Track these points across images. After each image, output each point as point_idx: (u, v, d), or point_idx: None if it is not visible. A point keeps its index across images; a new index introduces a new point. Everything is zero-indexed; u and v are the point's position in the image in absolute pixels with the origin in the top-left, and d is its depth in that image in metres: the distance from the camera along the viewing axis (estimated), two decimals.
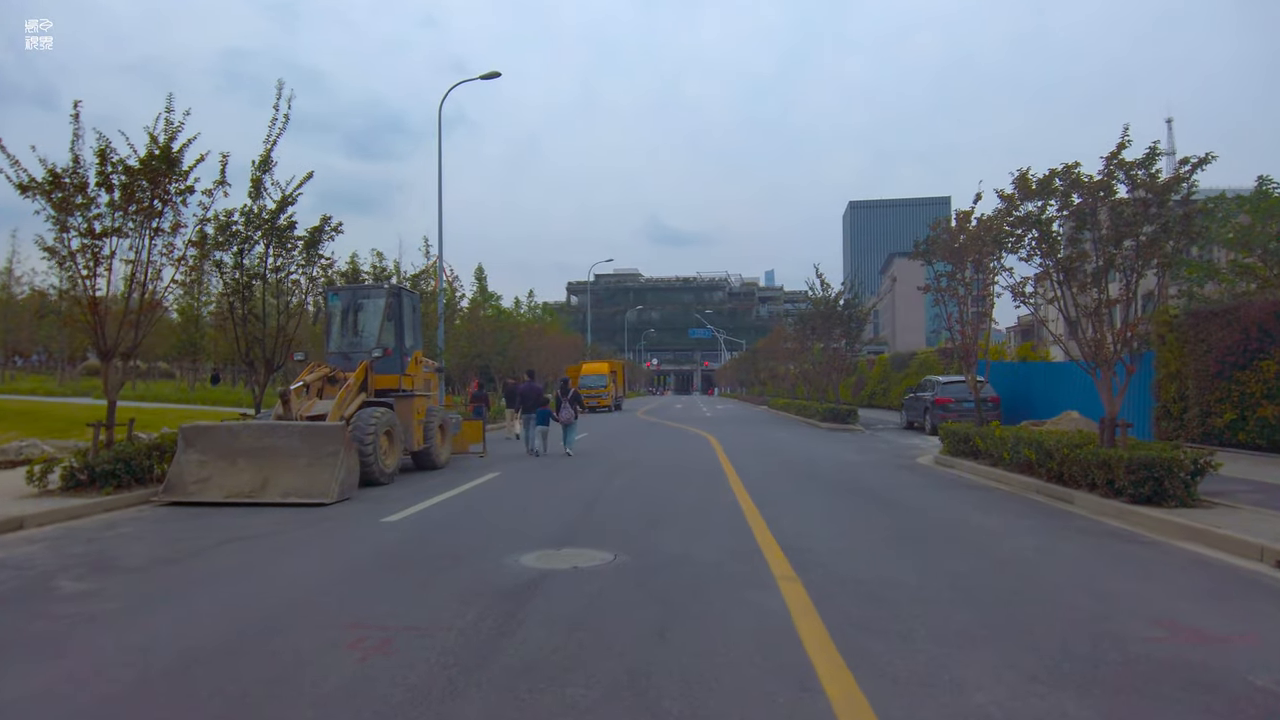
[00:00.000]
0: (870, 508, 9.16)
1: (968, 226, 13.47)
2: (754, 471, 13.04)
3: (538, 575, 5.78)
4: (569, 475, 12.71)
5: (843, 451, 16.88)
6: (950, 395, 21.77)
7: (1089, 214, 9.63)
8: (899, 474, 12.72)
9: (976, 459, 13.15)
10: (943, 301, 14.57)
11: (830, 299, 28.48)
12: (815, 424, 27.91)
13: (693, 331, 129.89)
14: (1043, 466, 10.56)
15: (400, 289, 13.59)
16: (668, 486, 11.27)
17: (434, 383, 15.32)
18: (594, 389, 42.75)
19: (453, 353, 26.29)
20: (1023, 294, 10.97)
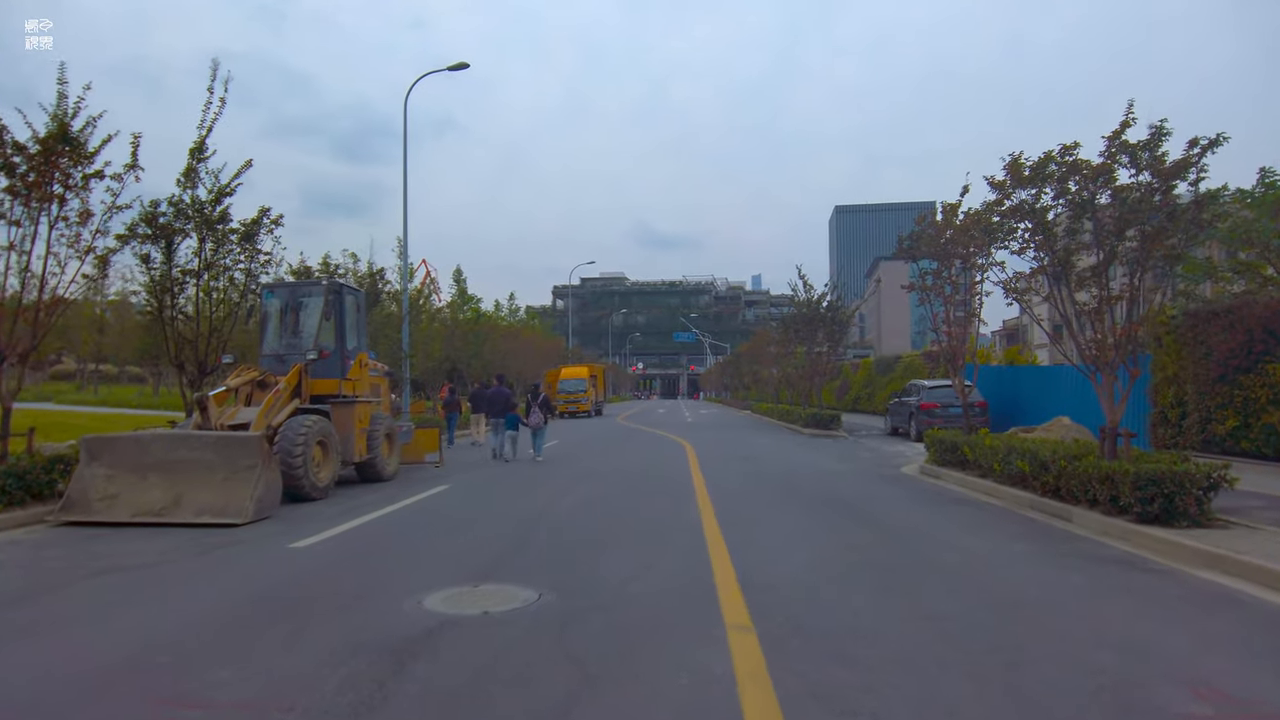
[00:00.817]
0: (847, 528, 8.18)
1: (954, 221, 12.55)
2: (725, 483, 12.06)
3: (437, 624, 4.75)
4: (524, 488, 11.68)
5: (823, 460, 15.92)
6: (936, 400, 20.89)
7: (1088, 202, 8.71)
8: (881, 486, 11.77)
9: (964, 469, 12.23)
10: (928, 301, 13.65)
11: (813, 301, 27.60)
12: (798, 430, 26.99)
13: (677, 335, 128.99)
14: (1037, 479, 9.64)
15: (342, 285, 12.51)
16: (629, 501, 10.26)
17: (384, 388, 14.25)
18: (573, 394, 41.71)
19: (420, 356, 25.17)
20: (1015, 290, 10.04)
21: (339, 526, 8.45)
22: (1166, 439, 14.84)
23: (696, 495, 10.56)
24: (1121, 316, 8.98)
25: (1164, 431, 15.03)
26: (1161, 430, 15.04)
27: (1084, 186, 8.58)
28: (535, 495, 10.84)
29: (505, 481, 12.67)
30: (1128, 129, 8.30)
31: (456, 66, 22.83)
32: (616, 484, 12.26)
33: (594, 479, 12.91)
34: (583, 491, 11.24)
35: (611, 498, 10.66)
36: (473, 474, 13.86)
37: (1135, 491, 7.65)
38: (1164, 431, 15.03)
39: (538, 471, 14.24)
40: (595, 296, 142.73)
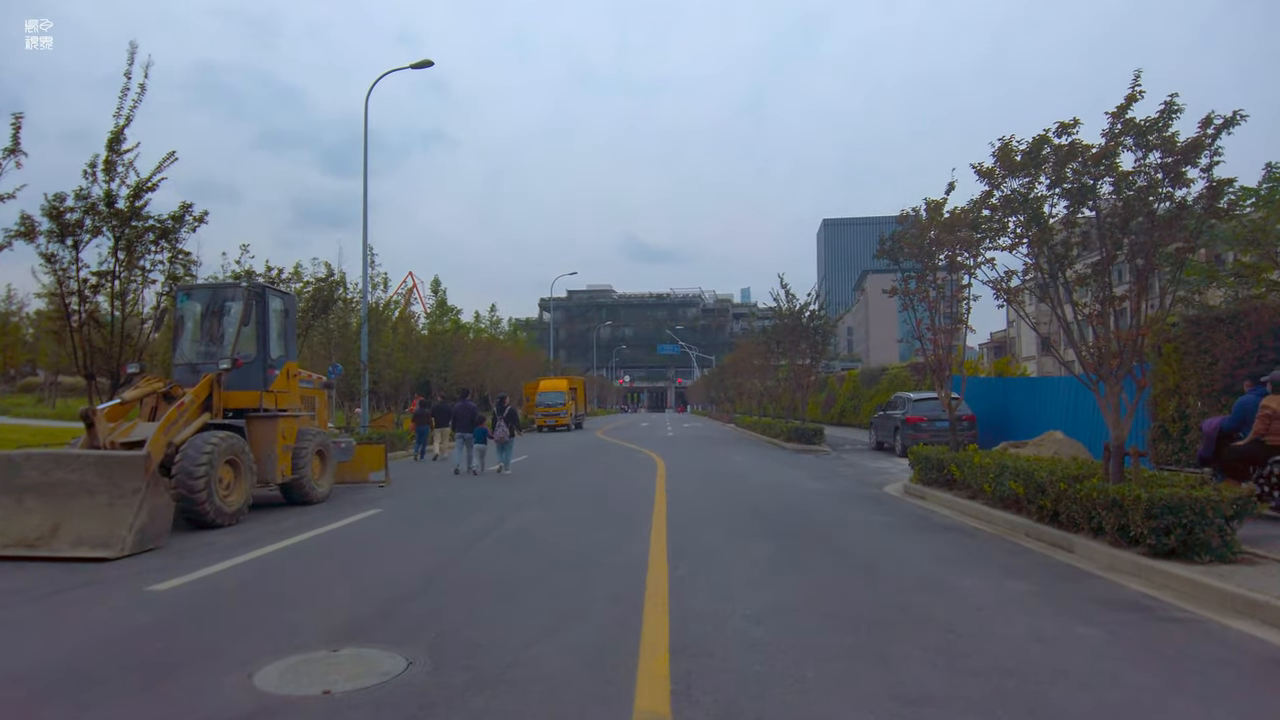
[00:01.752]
0: (816, 564, 7.04)
1: (939, 218, 11.51)
2: (689, 506, 10.91)
3: (252, 710, 3.58)
4: (463, 511, 10.49)
5: (801, 478, 14.79)
6: (922, 413, 19.85)
7: (1089, 189, 7.66)
8: (860, 509, 10.65)
9: (951, 489, 11.14)
10: (911, 306, 12.60)
11: (795, 310, 26.54)
12: (779, 444, 25.88)
13: (661, 347, 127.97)
14: (1033, 503, 8.55)
15: (265, 288, 11.31)
16: (573, 529, 9.10)
17: (320, 401, 13.04)
18: (551, 407, 40.41)
19: (382, 366, 23.95)
20: (1006, 291, 8.97)
21: (225, 561, 7.25)
22: (1168, 455, 13.80)
23: (652, 521, 9.41)
24: (1126, 320, 7.92)
25: (1165, 447, 13.98)
26: (1163, 446, 14.00)
27: (1085, 171, 7.53)
28: (471, 520, 9.66)
29: (447, 504, 11.48)
30: (1134, 104, 7.26)
31: (420, 64, 21.78)
32: (568, 507, 11.10)
33: (546, 501, 11.74)
34: (526, 516, 10.06)
35: (555, 524, 9.49)
36: (417, 494, 12.66)
37: (1149, 521, 6.56)
38: (1165, 447, 13.98)
39: (490, 490, 13.07)
40: (582, 309, 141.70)
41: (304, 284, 17.69)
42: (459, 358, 28.78)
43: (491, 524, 9.37)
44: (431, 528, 9.30)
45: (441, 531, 8.95)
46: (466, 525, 9.32)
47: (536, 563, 7.07)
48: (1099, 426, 17.04)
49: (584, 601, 5.63)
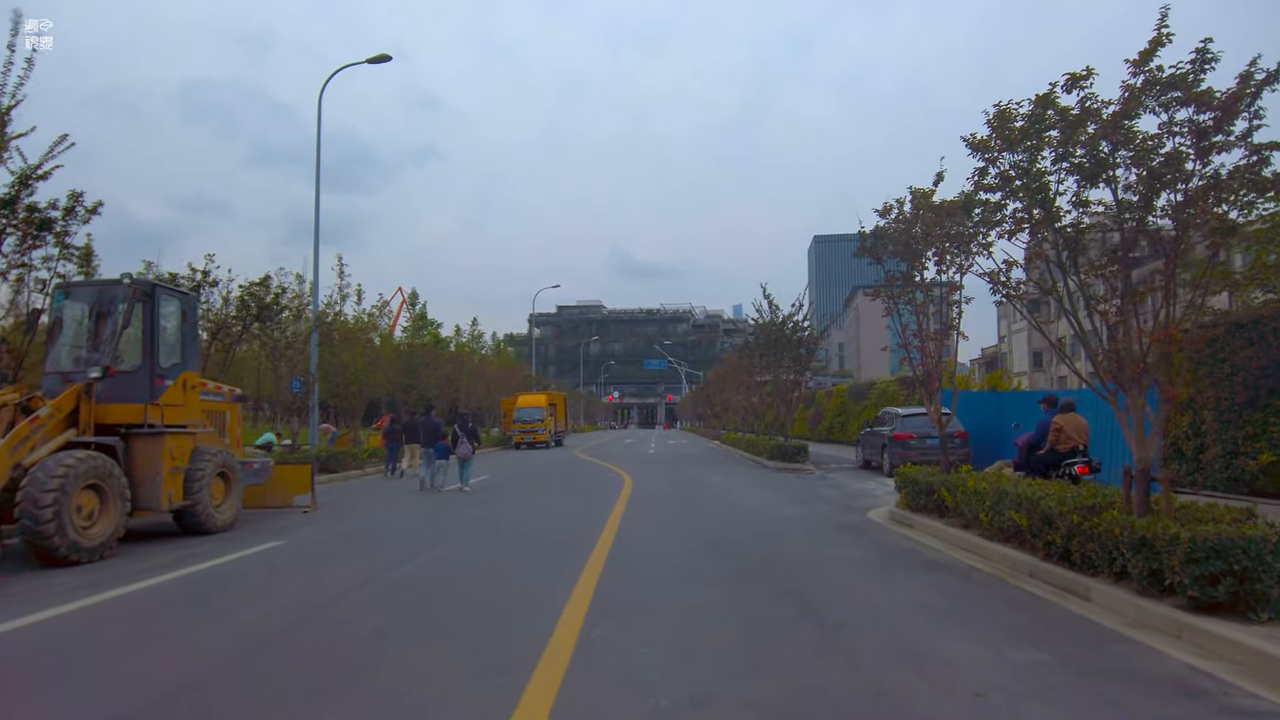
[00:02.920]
0: (773, 622, 5.61)
1: (926, 207, 10.18)
2: (642, 536, 9.48)
3: None
4: (372, 545, 9.03)
5: (777, 502, 13.37)
6: (911, 430, 18.48)
7: (1105, 160, 6.33)
8: (838, 541, 9.22)
9: (942, 517, 9.75)
10: (896, 310, 11.25)
11: (778, 322, 25.19)
12: (762, 462, 24.46)
13: (648, 363, 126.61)
14: (1038, 537, 7.16)
15: (155, 286, 9.86)
16: (489, 569, 7.66)
17: (233, 416, 11.57)
18: (529, 423, 38.86)
19: (338, 381, 22.46)
20: (1004, 285, 7.62)
21: (34, 615, 5.78)
22: (1181, 476, 12.47)
23: (591, 556, 7.97)
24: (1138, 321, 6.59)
25: (1179, 467, 12.65)
26: (1176, 465, 12.66)
27: (1101, 136, 6.20)
28: (374, 557, 8.20)
29: (365, 533, 10.01)
30: (1160, 49, 5.94)
31: (377, 59, 20.53)
32: (501, 538, 9.66)
33: (480, 529, 10.30)
34: (444, 552, 8.60)
35: (472, 562, 8.03)
36: (340, 521, 11.18)
37: (1190, 566, 5.18)
38: (1179, 467, 12.65)
39: (430, 513, 11.64)
40: (572, 325, 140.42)
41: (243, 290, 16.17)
42: (427, 371, 27.20)
43: (396, 562, 7.91)
44: (318, 568, 7.83)
45: (327, 573, 7.49)
46: (362, 564, 7.86)
47: (411, 623, 5.60)
48: (1103, 442, 15.70)
49: (435, 693, 4.18)
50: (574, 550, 8.39)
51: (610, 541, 9.01)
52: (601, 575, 7.04)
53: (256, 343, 18.15)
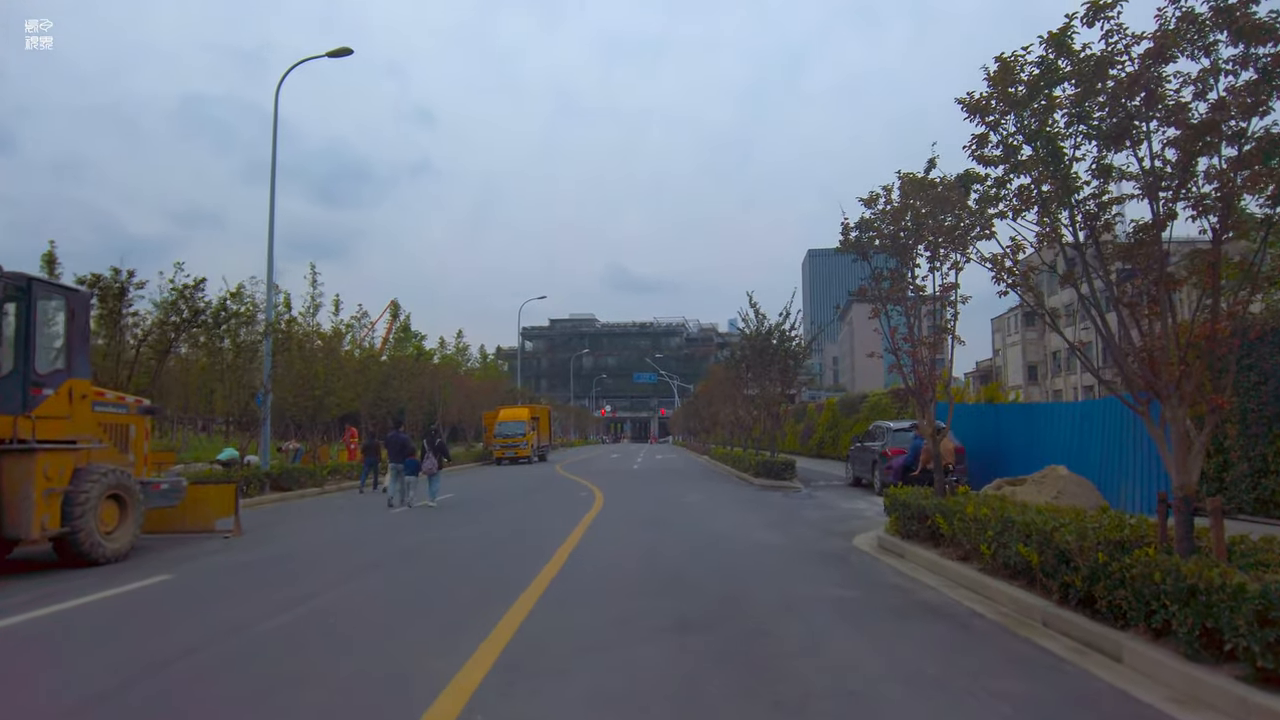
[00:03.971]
0: (719, 697, 4.34)
1: (917, 194, 9.01)
2: (592, 568, 8.22)
3: None
4: (274, 581, 7.76)
5: (755, 525, 12.10)
6: (904, 445, 17.21)
7: (1132, 117, 5.15)
8: (817, 576, 7.96)
9: (937, 546, 8.51)
10: (884, 311, 10.05)
11: (764, 332, 23.98)
12: (748, 480, 23.20)
13: (637, 376, 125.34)
14: (1053, 577, 5.93)
15: (31, 280, 8.57)
16: (393, 612, 6.38)
17: (139, 429, 10.28)
18: (510, 438, 37.51)
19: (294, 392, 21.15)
20: (1009, 271, 6.41)
21: None
22: (1199, 497, 11.24)
23: (523, 595, 6.69)
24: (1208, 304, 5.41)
25: (1200, 486, 11.42)
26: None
27: (1132, 87, 5.02)
28: (263, 599, 6.91)
29: (276, 564, 8.75)
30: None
31: (337, 52, 19.38)
32: (423, 572, 8.37)
33: (405, 560, 9.03)
34: (347, 590, 7.32)
35: (372, 605, 6.75)
36: (254, 550, 9.89)
37: (1263, 630, 3.95)
38: (1200, 486, 11.42)
39: (361, 540, 10.39)
40: (565, 338, 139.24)
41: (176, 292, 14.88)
42: (398, 384, 25.82)
43: (285, 604, 6.61)
44: (185, 613, 6.53)
45: (191, 620, 6.20)
46: (242, 608, 6.57)
47: (234, 707, 4.32)
48: (1112, 460, 14.49)
49: None
50: (507, 587, 7.12)
51: (553, 575, 7.74)
52: (524, 625, 5.78)
53: (204, 352, 16.81)
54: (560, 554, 9.10)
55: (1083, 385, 56.35)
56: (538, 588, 7.12)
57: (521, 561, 8.69)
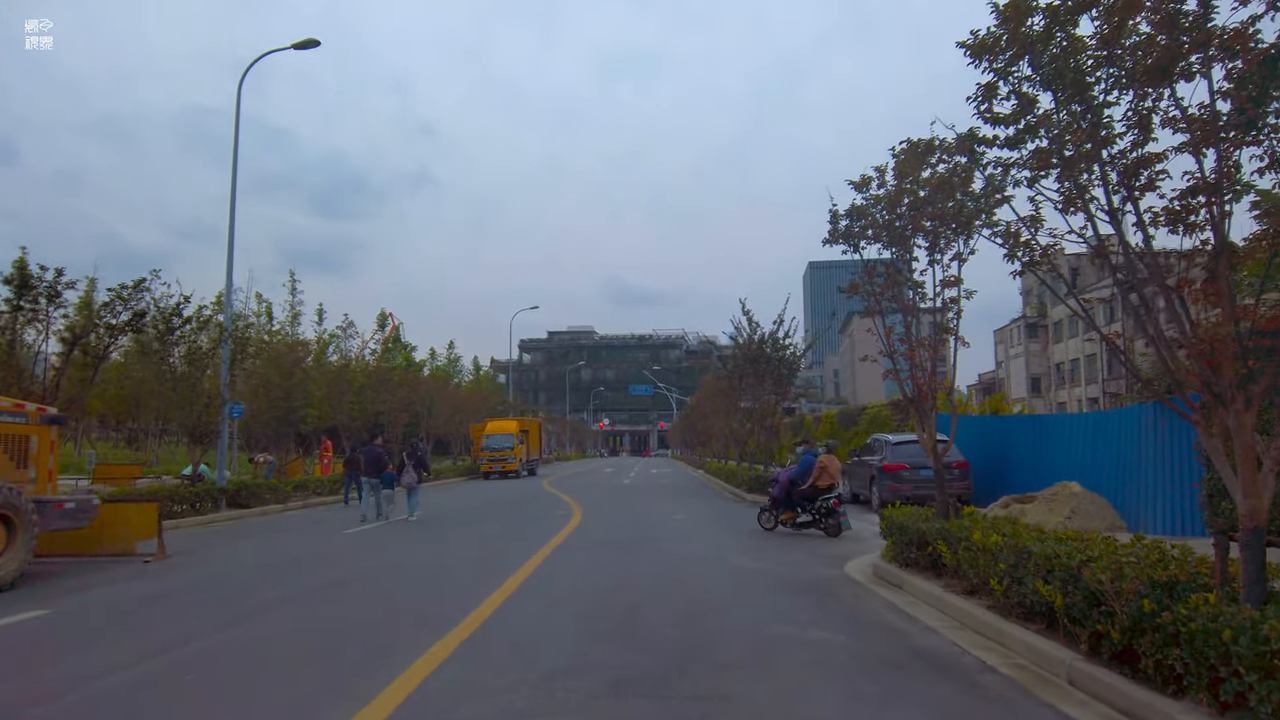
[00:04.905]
0: None
1: (914, 173, 7.93)
2: (535, 604, 7.09)
3: None
4: (138, 628, 6.64)
5: (736, 549, 10.95)
6: (903, 459, 16.11)
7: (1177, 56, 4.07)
8: (799, 612, 6.81)
9: (940, 576, 7.38)
10: (879, 309, 8.95)
11: (757, 340, 22.88)
12: (739, 495, 22.07)
13: (634, 388, 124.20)
14: (1081, 624, 4.80)
15: None
16: (238, 681, 5.24)
17: (40, 442, 9.17)
18: (498, 451, 36.30)
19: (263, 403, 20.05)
20: (1026, 246, 5.30)
21: None
22: (1230, 516, 10.09)
23: (437, 645, 5.56)
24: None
25: (1227, 505, 10.26)
26: (1225, 503, 10.27)
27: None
28: (132, 646, 5.77)
29: (169, 600, 7.62)
30: None
31: (304, 44, 18.44)
32: (336, 610, 7.22)
33: (323, 592, 7.89)
34: (227, 637, 6.14)
35: (244, 658, 5.60)
36: (165, 578, 8.76)
37: None
38: (1227, 505, 10.26)
39: (292, 567, 9.24)
40: (562, 350, 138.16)
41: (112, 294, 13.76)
42: (373, 395, 24.66)
43: (153, 652, 5.47)
44: (25, 664, 5.42)
45: (18, 676, 5.07)
46: (98, 657, 5.44)
47: None
48: (1130, 476, 13.28)
49: None
50: (429, 628, 5.99)
51: (488, 614, 6.61)
52: (424, 684, 4.64)
53: (154, 359, 15.74)
54: (507, 586, 7.96)
55: (1087, 397, 55.20)
56: (466, 628, 6.00)
57: (463, 592, 7.55)
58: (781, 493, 12.70)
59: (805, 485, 12.43)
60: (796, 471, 12.64)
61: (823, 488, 12.34)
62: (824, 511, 12.35)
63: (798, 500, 12.49)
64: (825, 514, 12.40)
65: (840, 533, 12.28)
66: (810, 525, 12.58)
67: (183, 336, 16.10)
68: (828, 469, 12.38)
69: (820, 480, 12.32)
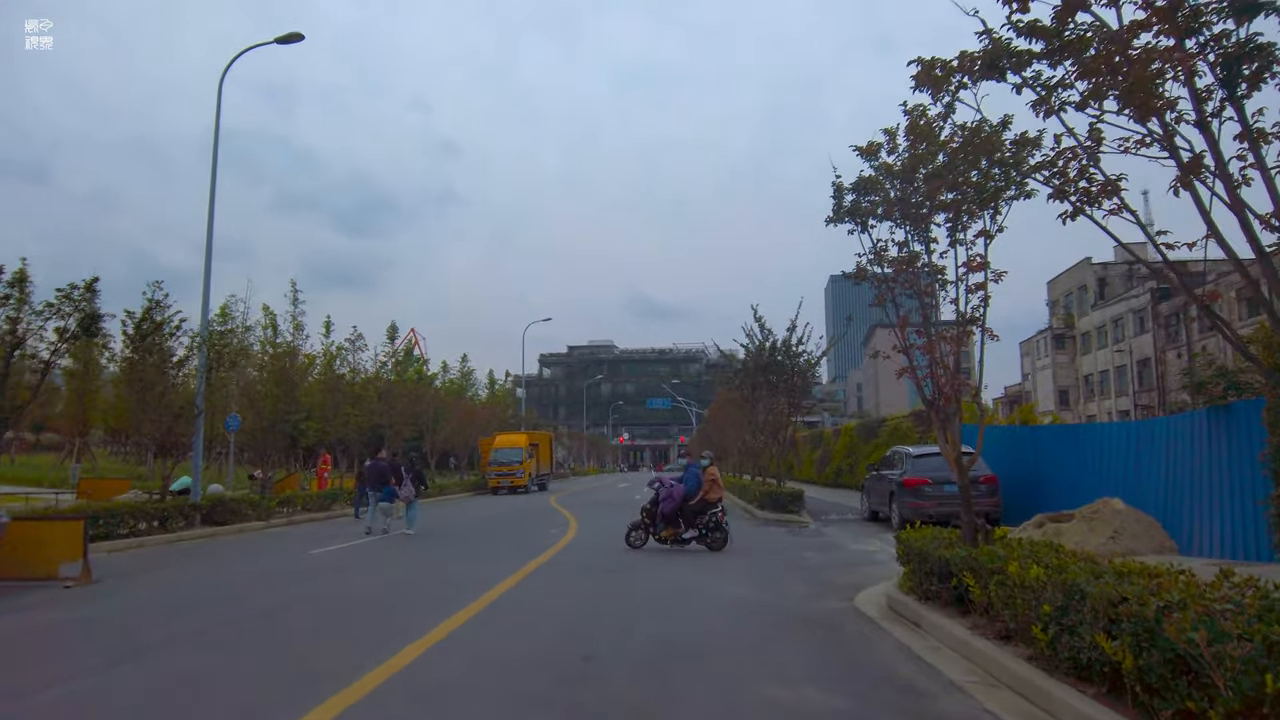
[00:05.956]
0: None
1: (929, 143, 6.71)
2: (480, 647, 5.90)
3: None
4: (41, 656, 5.52)
5: (736, 575, 9.66)
6: (925, 474, 14.74)
7: None
8: (793, 668, 5.53)
9: (966, 615, 6.08)
10: (890, 297, 7.69)
11: (769, 348, 21.59)
12: (752, 512, 20.74)
13: (650, 402, 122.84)
14: (1164, 696, 3.51)
15: None
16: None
17: None
18: (505, 465, 35.11)
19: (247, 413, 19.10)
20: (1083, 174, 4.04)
21: None
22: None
23: (338, 696, 4.39)
24: None
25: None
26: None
27: None
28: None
29: (13, 647, 6.50)
30: None
31: (287, 38, 17.62)
32: (220, 656, 6.04)
33: (227, 630, 6.73)
34: (49, 698, 5.02)
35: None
36: (62, 609, 7.67)
37: None
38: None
39: (218, 596, 8.11)
40: (582, 365, 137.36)
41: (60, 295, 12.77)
42: (363, 407, 23.62)
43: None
44: None
45: None
46: None
47: None
48: (1181, 491, 11.79)
49: None
50: (307, 689, 4.79)
51: (400, 667, 5.40)
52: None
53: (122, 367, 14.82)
54: (454, 620, 6.77)
55: (1118, 410, 53.07)
56: (356, 692, 4.79)
57: (394, 633, 6.36)
58: (674, 509, 12.03)
59: (695, 500, 11.99)
60: (690, 488, 12.08)
61: (712, 501, 12.05)
62: (711, 526, 11.97)
63: (687, 515, 12.02)
64: (713, 528, 11.98)
65: (724, 547, 11.85)
66: (694, 540, 12.10)
67: (155, 344, 15.18)
68: (717, 481, 12.24)
69: (710, 494, 12.06)
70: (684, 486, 12.10)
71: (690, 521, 12.08)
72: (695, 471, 12.30)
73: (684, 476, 12.37)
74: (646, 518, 12.18)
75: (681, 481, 12.29)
